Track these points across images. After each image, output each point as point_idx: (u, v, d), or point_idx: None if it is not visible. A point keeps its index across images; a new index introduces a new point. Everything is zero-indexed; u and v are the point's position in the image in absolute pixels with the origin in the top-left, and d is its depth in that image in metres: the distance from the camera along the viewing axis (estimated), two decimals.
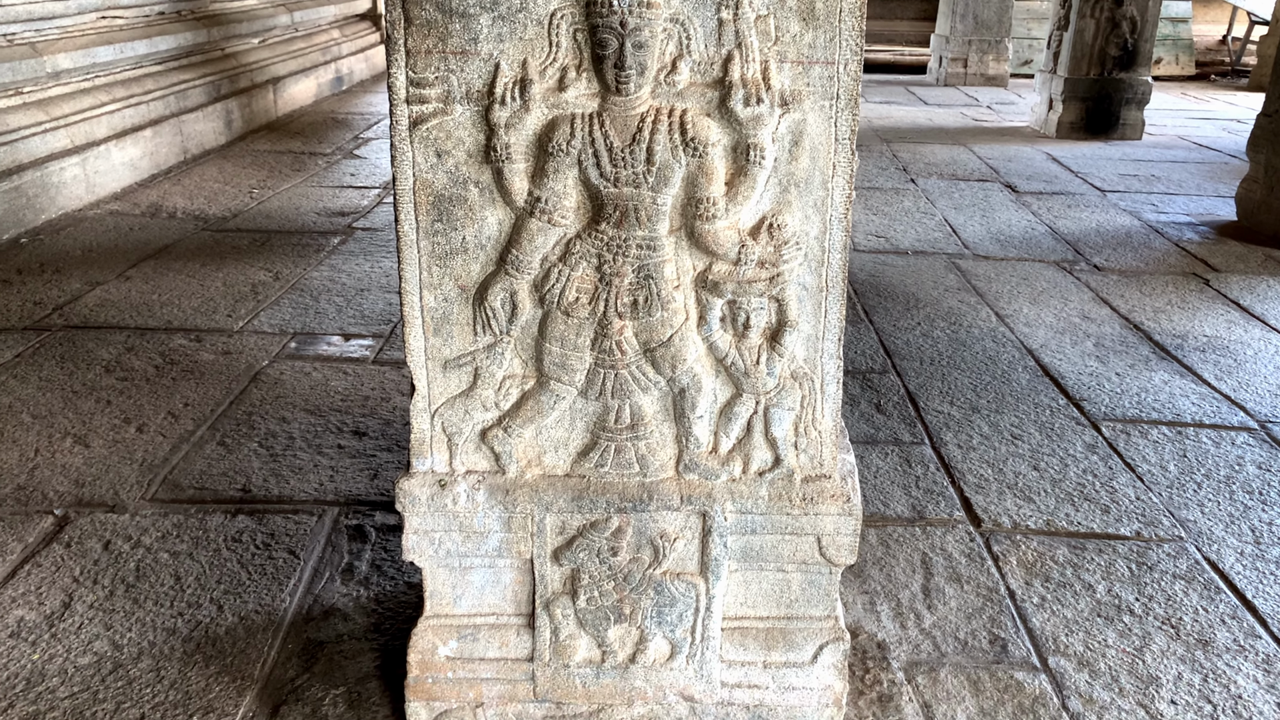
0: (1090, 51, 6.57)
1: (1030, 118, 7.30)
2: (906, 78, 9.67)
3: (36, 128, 4.43)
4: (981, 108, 8.10)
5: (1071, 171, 5.78)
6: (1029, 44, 9.95)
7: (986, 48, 9.08)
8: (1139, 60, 6.57)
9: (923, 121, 7.38)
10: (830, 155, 1.26)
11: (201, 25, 6.09)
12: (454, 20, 1.20)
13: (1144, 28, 6.49)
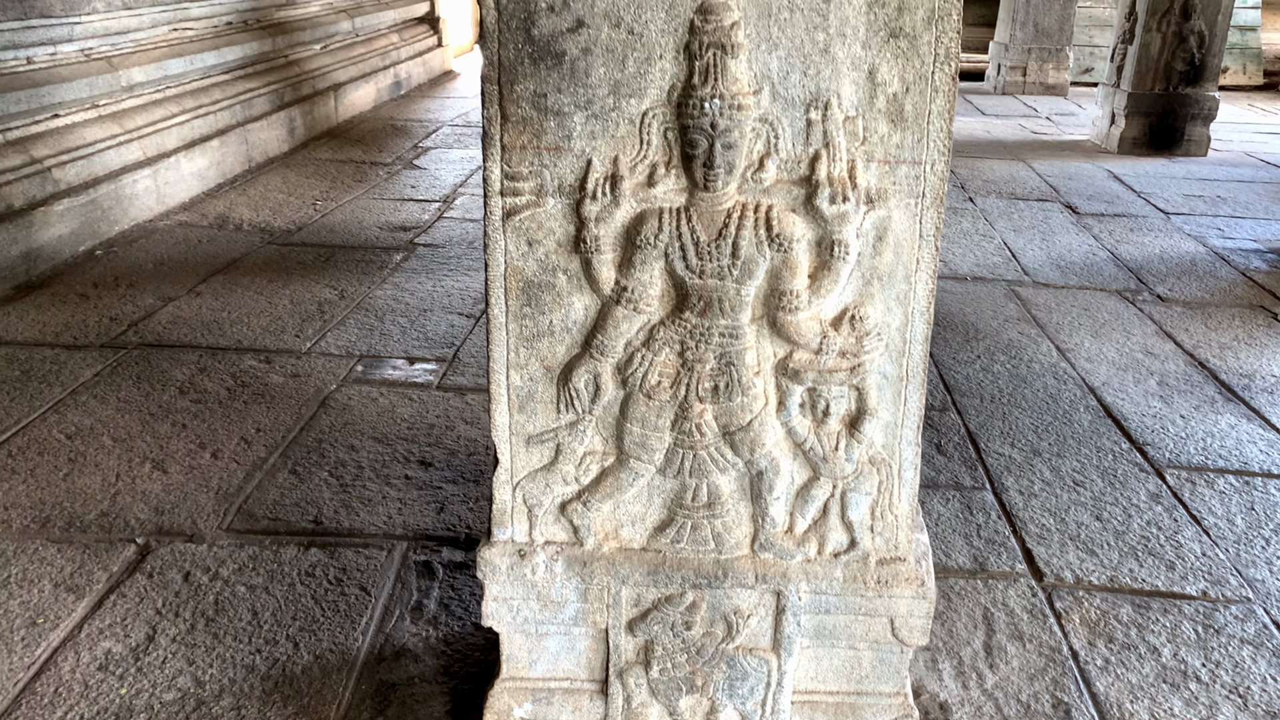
0: (1155, 66, 6.46)
1: (1091, 131, 7.19)
2: (964, 84, 9.56)
3: (112, 141, 4.56)
4: (1041, 119, 7.98)
5: (1134, 191, 5.69)
6: (1090, 51, 9.78)
7: (1046, 56, 8.94)
8: (1206, 75, 6.44)
9: (980, 134, 7.30)
10: (914, 250, 1.28)
11: (266, 34, 6.21)
12: (549, 118, 1.24)
13: (1212, 42, 6.36)
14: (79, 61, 4.50)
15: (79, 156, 4.31)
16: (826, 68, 1.19)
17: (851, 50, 1.18)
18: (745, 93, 1.20)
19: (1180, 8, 6.32)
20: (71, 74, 4.39)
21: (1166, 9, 6.34)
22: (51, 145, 4.21)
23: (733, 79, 1.19)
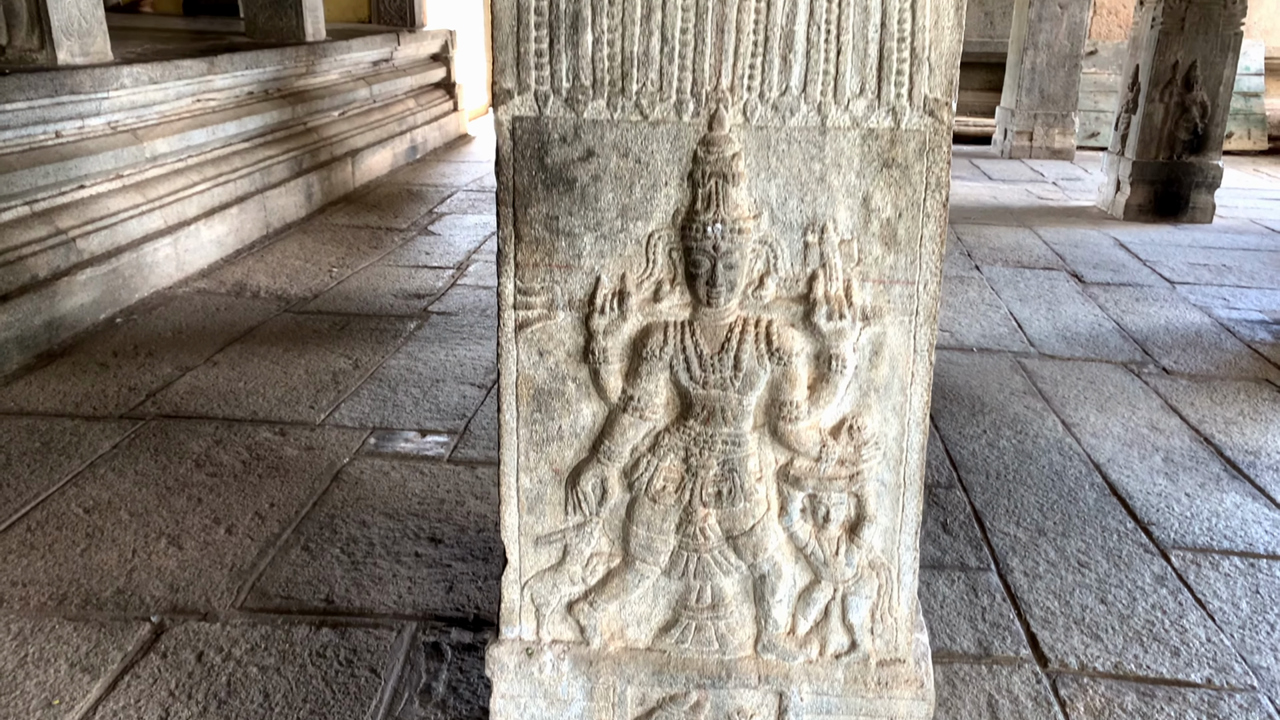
0: (1159, 135, 6.55)
1: (1097, 197, 7.27)
2: (971, 148, 9.69)
3: (134, 210, 4.68)
4: (1047, 183, 8.08)
5: (1139, 259, 5.75)
6: (1096, 116, 9.92)
7: (1052, 121, 9.07)
8: (1209, 145, 6.54)
9: (987, 199, 7.39)
10: (909, 365, 1.33)
11: (287, 103, 6.37)
12: (560, 238, 1.30)
13: (1214, 112, 6.46)
14: (105, 134, 4.63)
15: (103, 226, 4.42)
16: (823, 195, 1.26)
17: (846, 179, 1.25)
18: (746, 217, 1.26)
19: (1182, 79, 6.43)
20: (98, 146, 4.52)
21: (1169, 80, 6.45)
22: (77, 216, 4.32)
23: (734, 205, 1.26)
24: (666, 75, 1.22)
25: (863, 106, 1.22)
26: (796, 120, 1.23)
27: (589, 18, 1.21)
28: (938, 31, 1.18)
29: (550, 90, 1.25)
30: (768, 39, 1.20)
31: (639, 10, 1.20)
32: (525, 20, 1.21)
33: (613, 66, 1.22)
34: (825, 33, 1.19)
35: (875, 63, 1.19)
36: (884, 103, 1.21)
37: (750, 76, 1.22)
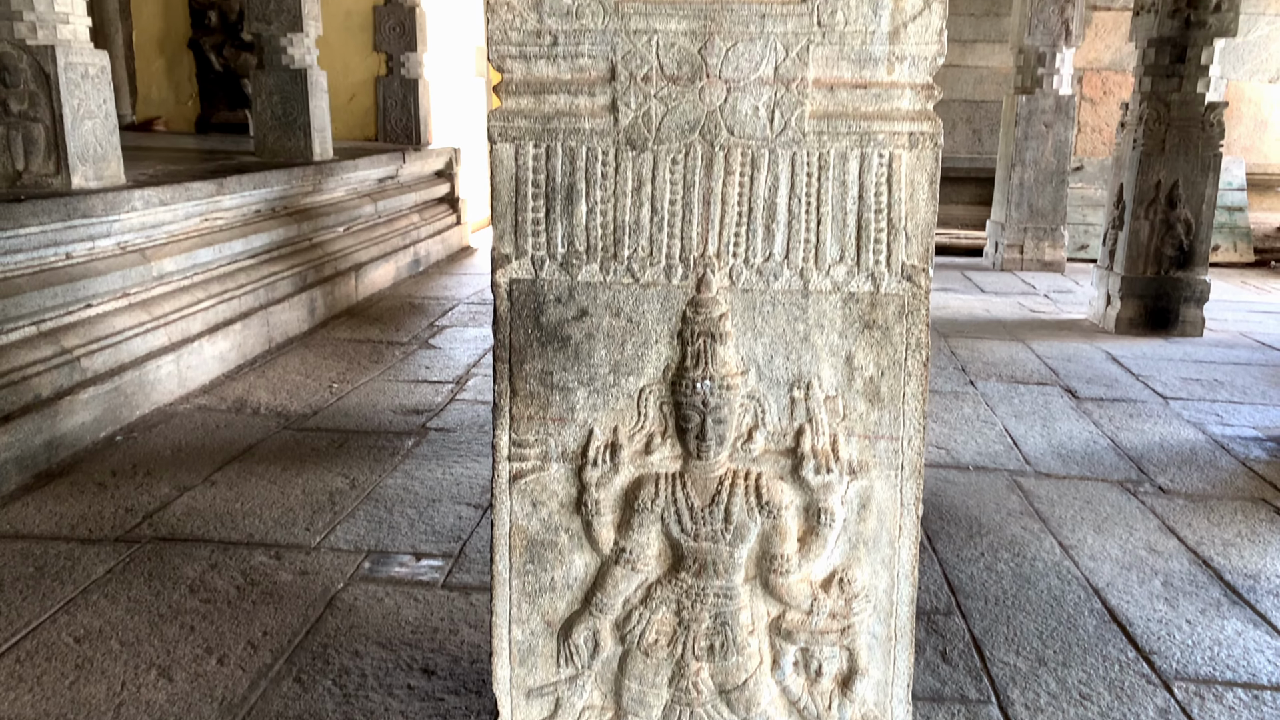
0: (1146, 251, 6.70)
1: (1088, 310, 7.38)
2: (963, 260, 9.87)
3: (139, 328, 4.75)
4: (1039, 296, 8.21)
5: (1132, 374, 5.81)
6: (1085, 229, 10.14)
7: (1042, 235, 9.27)
8: (1196, 260, 6.67)
9: (980, 312, 7.51)
10: (896, 518, 1.35)
11: (293, 220, 6.53)
12: (554, 393, 1.34)
13: (1199, 230, 6.62)
14: (115, 255, 4.74)
15: (107, 345, 4.49)
16: (807, 353, 1.30)
17: (829, 339, 1.29)
18: (733, 373, 1.31)
19: (1166, 197, 6.61)
20: (107, 267, 4.62)
21: (1153, 198, 6.63)
22: (82, 335, 4.39)
23: (721, 362, 1.30)
24: (656, 242, 1.28)
25: (843, 272, 1.27)
26: (780, 284, 1.28)
27: (583, 190, 1.27)
28: (913, 204, 1.24)
29: (546, 255, 1.30)
30: (751, 210, 1.26)
31: (630, 183, 1.26)
32: (523, 192, 1.28)
33: (605, 234, 1.28)
34: (806, 205, 1.25)
35: (854, 232, 1.25)
36: (863, 269, 1.27)
37: (736, 244, 1.28)
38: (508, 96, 1.29)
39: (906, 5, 1.20)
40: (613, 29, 1.23)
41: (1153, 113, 6.50)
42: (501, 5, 1.27)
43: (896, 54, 1.21)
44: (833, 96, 1.25)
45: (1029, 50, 8.93)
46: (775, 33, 1.22)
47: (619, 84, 1.25)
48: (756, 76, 1.23)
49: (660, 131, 1.26)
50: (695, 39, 1.22)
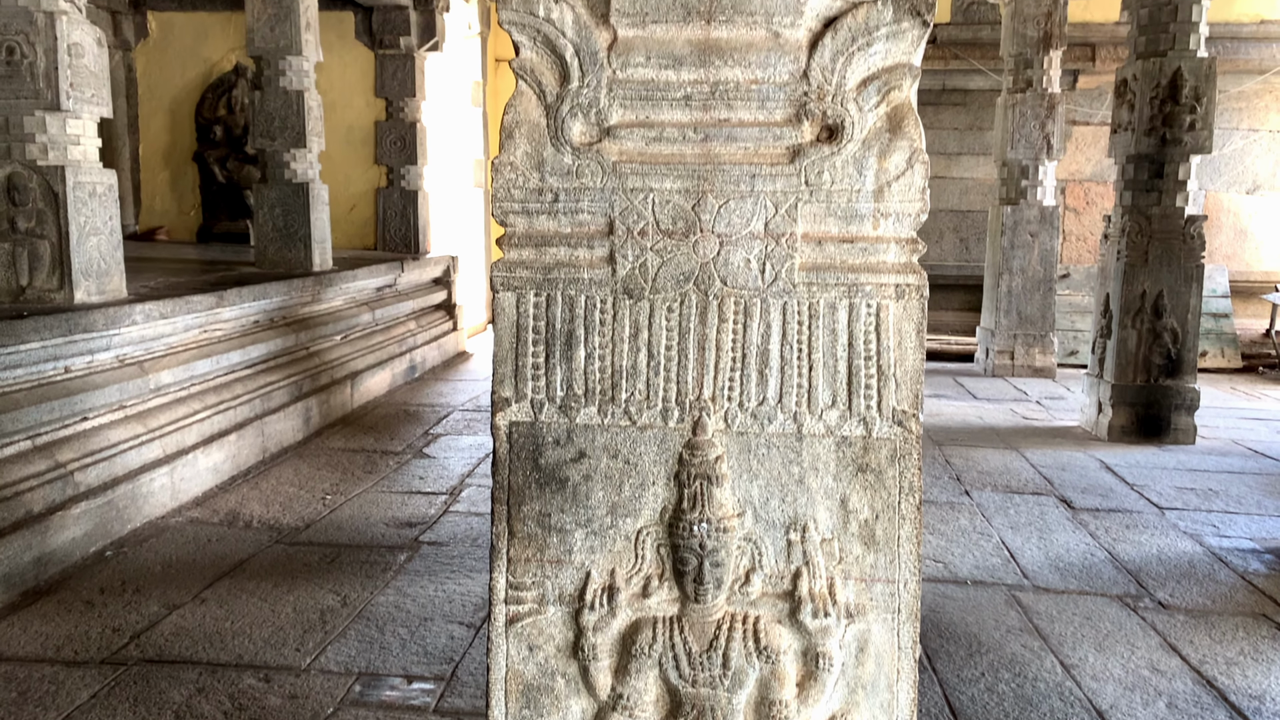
0: (1135, 359, 6.77)
1: (1080, 418, 7.42)
2: (954, 366, 9.96)
3: (134, 441, 4.75)
4: (1031, 403, 8.27)
5: (1127, 483, 5.82)
6: (1074, 335, 10.27)
7: (1032, 341, 9.38)
8: (1184, 369, 6.75)
9: (973, 420, 7.54)
10: (894, 662, 1.35)
11: (291, 330, 6.59)
12: (552, 535, 1.36)
13: (1186, 339, 6.71)
14: (113, 368, 4.77)
15: (101, 458, 4.48)
16: (803, 496, 1.32)
17: (824, 481, 1.32)
18: (730, 516, 1.32)
19: (1152, 307, 6.72)
20: (104, 380, 4.65)
21: (1139, 308, 6.74)
22: (76, 449, 4.39)
23: (718, 504, 1.32)
24: (653, 386, 1.31)
25: (835, 416, 1.30)
26: (774, 428, 1.31)
27: (582, 336, 1.31)
28: (901, 351, 1.28)
29: (546, 398, 1.34)
30: (745, 356, 1.30)
31: (627, 329, 1.30)
32: (524, 338, 1.32)
33: (603, 378, 1.32)
34: (798, 351, 1.29)
35: (845, 378, 1.28)
36: (855, 413, 1.30)
37: (730, 388, 1.31)
38: (510, 248, 1.34)
39: (890, 166, 1.26)
40: (611, 187, 1.29)
41: (1135, 225, 6.67)
42: (505, 165, 1.33)
43: (881, 211, 1.26)
44: (821, 250, 1.30)
45: (1012, 163, 9.19)
46: (765, 191, 1.27)
47: (617, 237, 1.31)
48: (748, 231, 1.28)
49: (656, 281, 1.30)
50: (689, 196, 1.28)
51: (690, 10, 1.27)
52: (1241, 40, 10.34)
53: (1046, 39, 8.95)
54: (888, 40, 1.25)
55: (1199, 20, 6.46)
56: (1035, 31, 8.95)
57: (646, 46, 1.31)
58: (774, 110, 1.29)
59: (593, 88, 1.30)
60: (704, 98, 1.29)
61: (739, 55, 1.28)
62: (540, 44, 1.29)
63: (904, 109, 1.29)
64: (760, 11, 1.27)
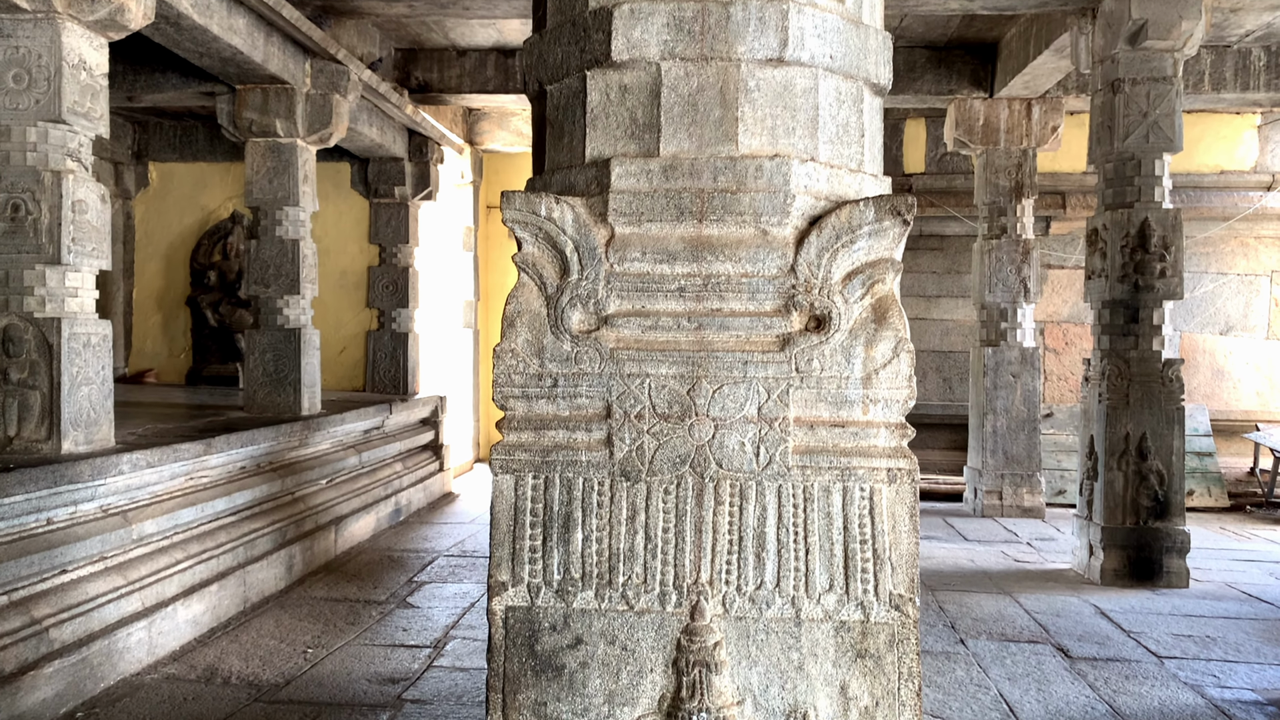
0: (1123, 501, 6.78)
1: (1072, 560, 7.38)
2: (943, 506, 9.94)
3: (113, 593, 4.65)
4: (1021, 544, 8.22)
5: (1123, 630, 5.74)
6: (1061, 475, 10.30)
7: (1019, 481, 9.40)
8: (1172, 511, 6.75)
9: (965, 563, 7.48)
10: None
11: (277, 475, 6.55)
12: None
13: (1172, 480, 6.75)
14: (96, 518, 4.72)
15: (78, 613, 4.38)
16: (802, 682, 1.31)
17: (824, 667, 1.31)
18: (729, 704, 1.31)
19: (1135, 449, 6.78)
20: (87, 532, 4.59)
21: (1123, 450, 6.80)
22: (53, 603, 4.29)
23: (717, 693, 1.31)
24: (650, 569, 1.32)
25: (833, 601, 1.31)
26: (773, 612, 1.32)
27: (579, 518, 1.33)
28: (895, 535, 1.30)
29: (542, 583, 1.34)
30: (742, 539, 1.31)
31: (624, 512, 1.32)
32: (522, 520, 1.33)
33: (600, 561, 1.33)
34: (794, 535, 1.30)
35: (842, 562, 1.30)
36: (853, 597, 1.31)
37: (728, 571, 1.32)
38: (509, 431, 1.37)
39: (876, 355, 1.31)
40: (609, 372, 1.33)
41: (1114, 369, 6.80)
42: (506, 352, 1.37)
43: (870, 397, 1.31)
44: (814, 434, 1.33)
45: (991, 306, 9.42)
46: (757, 377, 1.32)
47: (614, 421, 1.34)
48: (742, 415, 1.32)
49: (653, 464, 1.33)
50: (684, 382, 1.32)
51: (683, 210, 1.35)
52: (1204, 189, 10.79)
53: (1018, 188, 9.33)
54: (870, 238, 1.32)
55: (1162, 174, 6.76)
56: (1007, 181, 9.33)
57: (642, 243, 1.37)
58: (764, 301, 1.35)
59: (591, 280, 1.36)
60: (697, 289, 1.35)
61: (730, 251, 1.34)
62: (542, 240, 1.36)
63: (888, 300, 1.35)
64: (749, 211, 1.35)
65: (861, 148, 1.52)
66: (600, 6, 1.54)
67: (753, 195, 1.36)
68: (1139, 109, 6.66)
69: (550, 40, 1.70)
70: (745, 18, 1.47)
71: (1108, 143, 6.82)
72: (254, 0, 6.00)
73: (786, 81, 1.50)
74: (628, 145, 1.44)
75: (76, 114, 4.67)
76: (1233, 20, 8.02)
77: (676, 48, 1.46)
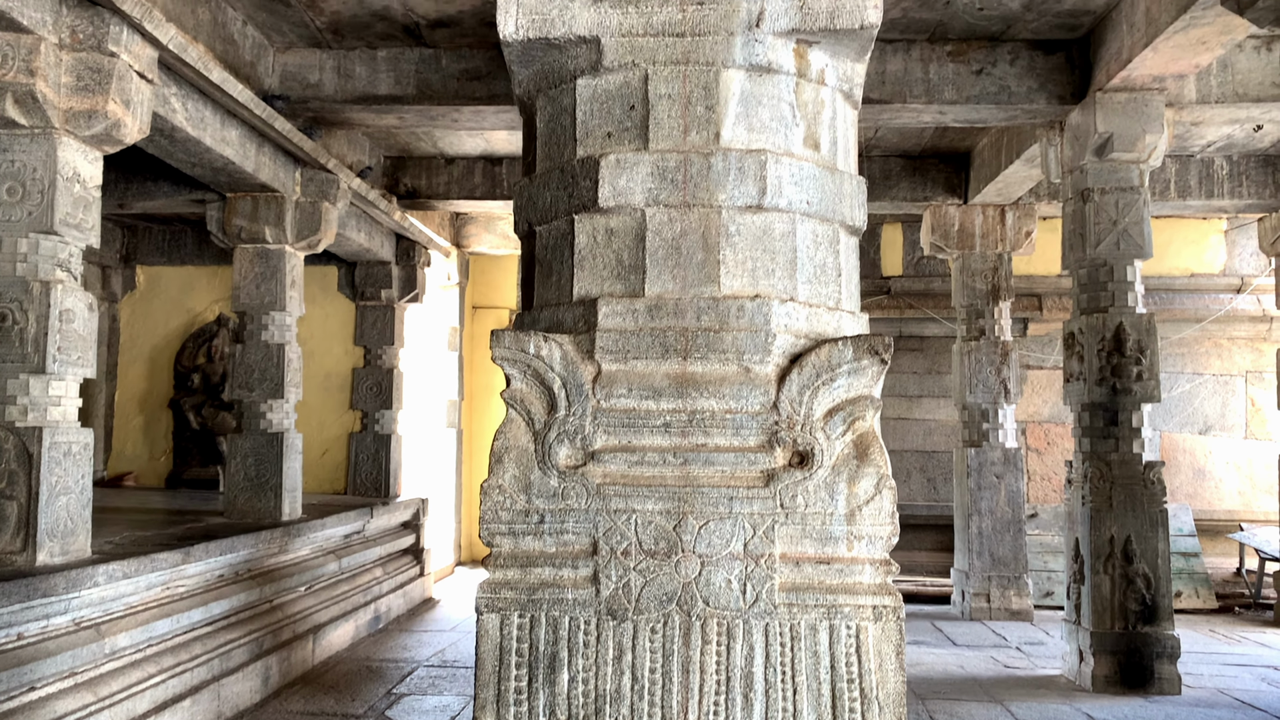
0: (1111, 606, 6.74)
1: (1062, 665, 7.28)
2: (931, 609, 9.83)
3: (83, 711, 4.51)
4: (1011, 649, 8.12)
5: None
6: (1048, 576, 10.24)
7: (1006, 583, 9.34)
8: (1161, 615, 6.71)
9: (954, 669, 7.37)
10: None
11: (255, 584, 6.44)
12: None
13: (1159, 584, 6.71)
14: (68, 632, 4.60)
15: None
16: None
17: None
18: None
19: (1121, 552, 6.77)
20: (58, 646, 4.47)
21: (1109, 553, 6.78)
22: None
23: None
24: (638, 712, 1.31)
25: None
26: None
27: (565, 658, 1.32)
28: (883, 674, 1.30)
29: None
30: (729, 678, 1.31)
31: (611, 651, 1.32)
32: (507, 661, 1.33)
33: (587, 703, 1.32)
34: (781, 674, 1.30)
35: (829, 702, 1.29)
36: None
37: (715, 713, 1.31)
38: (495, 569, 1.38)
39: (860, 491, 1.33)
40: (595, 508, 1.35)
41: (1096, 471, 6.83)
42: (494, 489, 1.39)
43: (855, 533, 1.32)
44: (800, 571, 1.35)
45: (972, 407, 9.50)
46: (743, 513, 1.34)
47: (601, 557, 1.35)
48: (728, 552, 1.33)
49: (640, 602, 1.33)
50: (670, 517, 1.34)
51: (668, 348, 1.38)
52: (1176, 291, 11.03)
53: (995, 291, 9.51)
54: (850, 376, 1.35)
55: (1134, 280, 6.92)
56: (983, 284, 9.52)
57: (629, 379, 1.40)
58: (748, 437, 1.38)
59: (579, 415, 1.38)
60: (682, 425, 1.38)
61: (714, 387, 1.37)
62: (530, 377, 1.39)
63: (869, 437, 1.38)
64: (732, 349, 1.38)
65: (839, 286, 1.57)
66: (587, 155, 1.61)
67: (735, 334, 1.40)
68: (1109, 217, 6.86)
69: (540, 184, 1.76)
70: (726, 167, 1.54)
71: (1080, 249, 7.00)
72: (247, 113, 6.16)
73: (766, 226, 1.56)
74: (614, 285, 1.48)
75: (68, 225, 4.73)
76: (1194, 132, 8.34)
77: (661, 195, 1.52)
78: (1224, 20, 5.31)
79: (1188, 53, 5.79)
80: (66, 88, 4.65)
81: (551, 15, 1.59)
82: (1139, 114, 6.65)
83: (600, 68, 1.63)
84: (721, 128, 1.55)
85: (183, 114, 5.70)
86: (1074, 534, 7.11)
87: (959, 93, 6.85)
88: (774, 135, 1.60)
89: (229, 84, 5.77)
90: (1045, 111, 6.97)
